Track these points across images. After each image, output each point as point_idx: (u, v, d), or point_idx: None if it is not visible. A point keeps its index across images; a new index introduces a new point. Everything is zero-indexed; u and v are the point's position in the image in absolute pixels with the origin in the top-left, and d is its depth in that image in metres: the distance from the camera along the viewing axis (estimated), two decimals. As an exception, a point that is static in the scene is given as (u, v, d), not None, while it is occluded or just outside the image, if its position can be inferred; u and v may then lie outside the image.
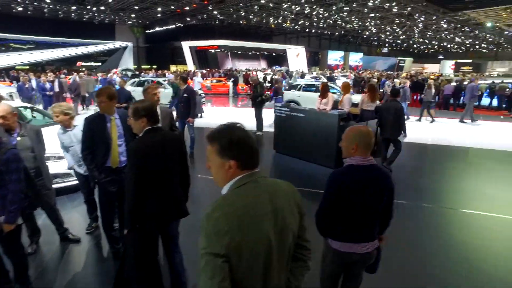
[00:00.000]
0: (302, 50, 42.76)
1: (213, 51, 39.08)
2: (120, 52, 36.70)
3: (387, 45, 54.89)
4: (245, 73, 24.77)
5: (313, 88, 12.64)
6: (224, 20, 32.33)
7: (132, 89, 12.55)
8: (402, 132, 6.02)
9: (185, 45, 36.13)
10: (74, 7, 26.26)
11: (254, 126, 8.94)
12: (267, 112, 9.45)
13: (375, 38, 46.88)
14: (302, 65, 40.13)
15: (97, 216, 3.82)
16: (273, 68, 32.44)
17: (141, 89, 4.70)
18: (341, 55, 50.63)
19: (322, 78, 21.07)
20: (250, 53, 43.09)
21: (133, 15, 30.99)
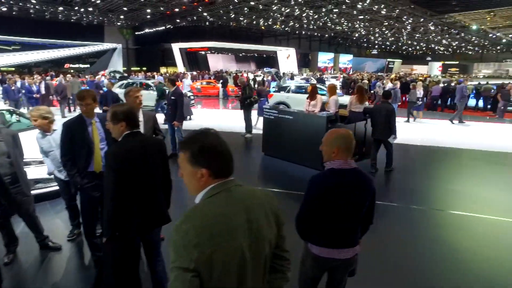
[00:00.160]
0: (293, 52, 42.95)
1: (203, 53, 38.93)
2: (109, 54, 36.23)
3: (377, 47, 55.58)
4: (235, 75, 24.70)
5: (303, 90, 12.66)
6: (214, 22, 32.27)
7: (120, 92, 12.28)
8: (393, 135, 6.06)
9: (175, 47, 35.90)
10: (61, 8, 25.82)
11: (244, 128, 8.92)
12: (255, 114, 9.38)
13: (365, 40, 47.39)
14: (293, 67, 40.28)
15: (80, 223, 3.69)
16: (263, 70, 32.42)
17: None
18: (331, 57, 51.04)
19: (313, 80, 21.15)
20: (241, 55, 43.05)
21: (122, 17, 30.65)
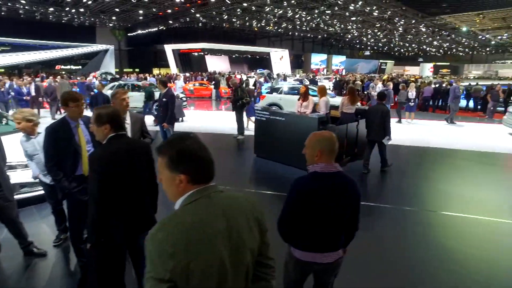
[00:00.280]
0: (286, 53, 43.01)
1: (196, 54, 38.79)
2: (101, 55, 35.80)
3: (369, 48, 56.01)
4: (228, 76, 24.63)
5: (295, 91, 12.65)
6: (207, 23, 32.17)
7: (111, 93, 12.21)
8: (387, 136, 6.09)
9: (168, 48, 35.69)
10: (52, 9, 25.48)
11: (236, 130, 8.89)
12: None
13: (357, 41, 47.73)
14: (286, 68, 40.36)
15: (66, 227, 3.61)
16: (256, 71, 32.38)
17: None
18: (324, 58, 51.27)
19: (306, 81, 21.19)
20: (234, 56, 42.97)
21: (114, 18, 30.34)
